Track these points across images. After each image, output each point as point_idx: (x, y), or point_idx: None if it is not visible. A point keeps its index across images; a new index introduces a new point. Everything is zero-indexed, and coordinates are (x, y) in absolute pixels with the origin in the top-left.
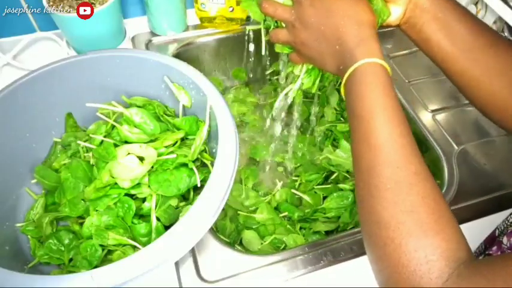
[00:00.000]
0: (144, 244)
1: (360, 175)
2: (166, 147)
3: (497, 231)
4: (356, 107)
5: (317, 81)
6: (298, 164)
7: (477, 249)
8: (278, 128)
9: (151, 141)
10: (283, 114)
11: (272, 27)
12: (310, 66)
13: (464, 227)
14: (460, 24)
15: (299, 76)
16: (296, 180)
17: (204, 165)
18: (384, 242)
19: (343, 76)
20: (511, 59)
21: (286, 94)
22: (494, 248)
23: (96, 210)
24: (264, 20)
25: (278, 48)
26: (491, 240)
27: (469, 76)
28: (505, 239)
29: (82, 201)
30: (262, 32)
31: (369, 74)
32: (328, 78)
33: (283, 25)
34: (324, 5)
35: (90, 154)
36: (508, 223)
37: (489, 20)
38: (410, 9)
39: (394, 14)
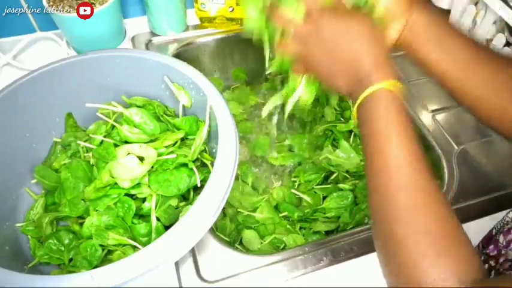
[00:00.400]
0: (144, 244)
1: (374, 199)
2: (166, 147)
3: (494, 231)
4: (370, 130)
5: (315, 95)
6: (297, 161)
7: (475, 249)
8: (274, 130)
9: (151, 141)
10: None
11: (278, 36)
12: (312, 78)
13: (464, 226)
14: (455, 43)
15: (295, 88)
16: (295, 180)
17: (204, 165)
18: (401, 261)
19: (355, 98)
20: (507, 74)
21: (283, 106)
22: (491, 246)
23: (96, 210)
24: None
25: (279, 56)
26: (489, 239)
27: (468, 91)
28: (501, 238)
29: (82, 201)
30: (265, 41)
31: (384, 98)
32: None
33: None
34: (340, 23)
35: (90, 154)
36: (505, 222)
37: (489, 20)
38: (406, 30)
39: (391, 35)
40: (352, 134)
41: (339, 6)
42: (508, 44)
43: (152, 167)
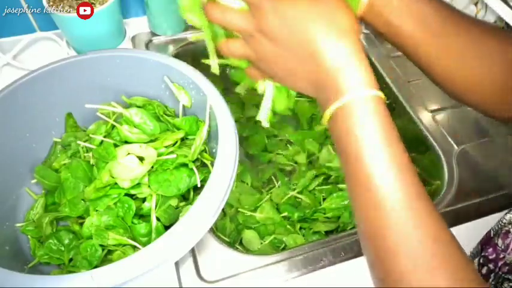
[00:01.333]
0: (144, 244)
1: (363, 239)
2: (166, 147)
3: (491, 232)
4: (347, 147)
5: (292, 95)
6: (296, 160)
7: (474, 250)
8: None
9: (151, 141)
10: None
11: (223, 35)
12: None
13: (463, 227)
14: (430, 9)
15: (265, 95)
16: (295, 183)
17: (204, 165)
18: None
19: (324, 107)
20: (487, 44)
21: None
22: (490, 249)
23: (96, 210)
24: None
25: (233, 62)
26: (487, 241)
27: (443, 63)
28: (499, 241)
29: (82, 201)
30: (208, 43)
31: (362, 113)
32: None
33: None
34: (291, 10)
35: (90, 154)
36: (502, 224)
37: (489, 20)
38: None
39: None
40: None
41: None
42: None
43: (152, 167)
